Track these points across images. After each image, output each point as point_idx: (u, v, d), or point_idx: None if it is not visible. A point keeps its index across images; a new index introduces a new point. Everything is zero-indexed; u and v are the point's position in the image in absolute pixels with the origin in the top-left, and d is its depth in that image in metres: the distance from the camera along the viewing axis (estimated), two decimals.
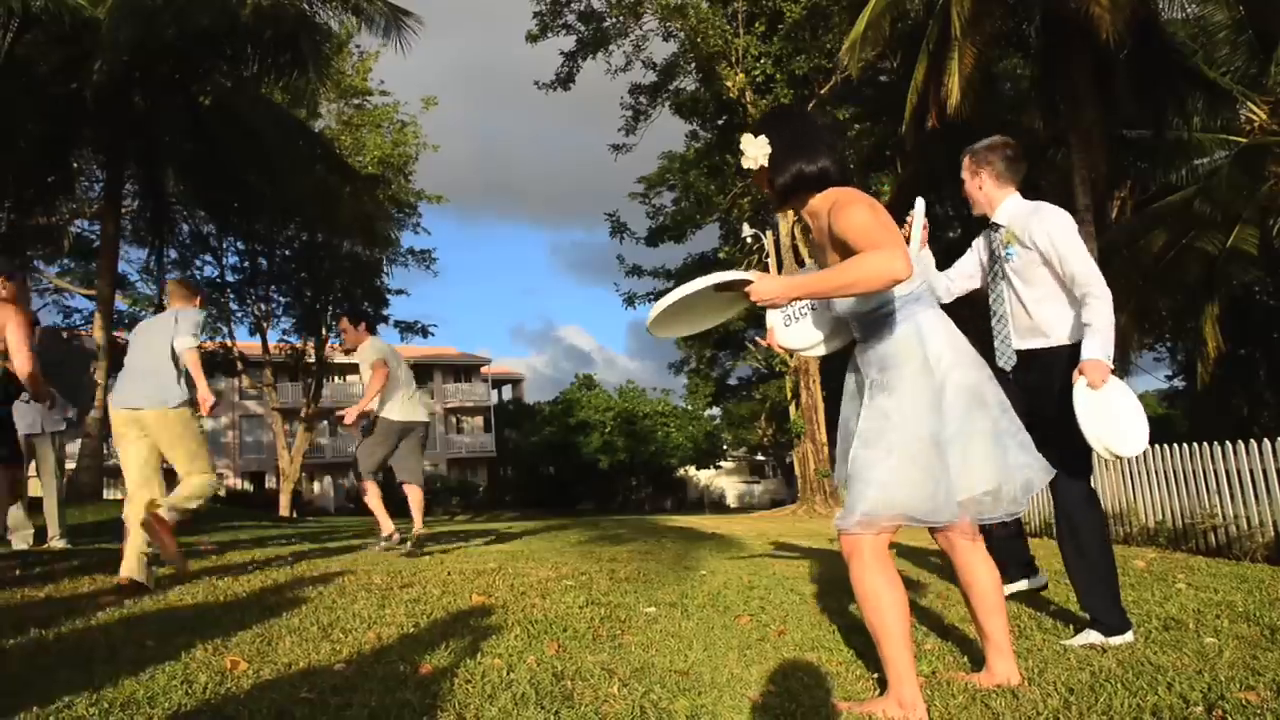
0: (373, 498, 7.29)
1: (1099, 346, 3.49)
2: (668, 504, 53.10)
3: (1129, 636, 3.53)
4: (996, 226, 3.87)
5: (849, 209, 2.60)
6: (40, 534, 7.77)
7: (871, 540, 2.66)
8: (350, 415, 7.12)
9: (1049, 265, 3.65)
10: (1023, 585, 4.30)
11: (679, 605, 4.23)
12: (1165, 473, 8.70)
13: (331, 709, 2.58)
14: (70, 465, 12.44)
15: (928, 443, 2.61)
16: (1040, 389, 3.67)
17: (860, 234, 2.54)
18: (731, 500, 60.97)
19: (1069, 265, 3.58)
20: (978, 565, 2.88)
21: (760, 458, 60.40)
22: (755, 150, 2.78)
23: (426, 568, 5.51)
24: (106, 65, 13.44)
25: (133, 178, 17.64)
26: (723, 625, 3.81)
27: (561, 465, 48.60)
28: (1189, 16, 16.71)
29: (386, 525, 7.28)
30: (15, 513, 7.60)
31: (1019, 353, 3.81)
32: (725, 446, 55.83)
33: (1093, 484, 3.88)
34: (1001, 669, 2.89)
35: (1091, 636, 3.53)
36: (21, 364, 5.22)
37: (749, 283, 2.60)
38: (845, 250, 2.61)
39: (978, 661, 3.18)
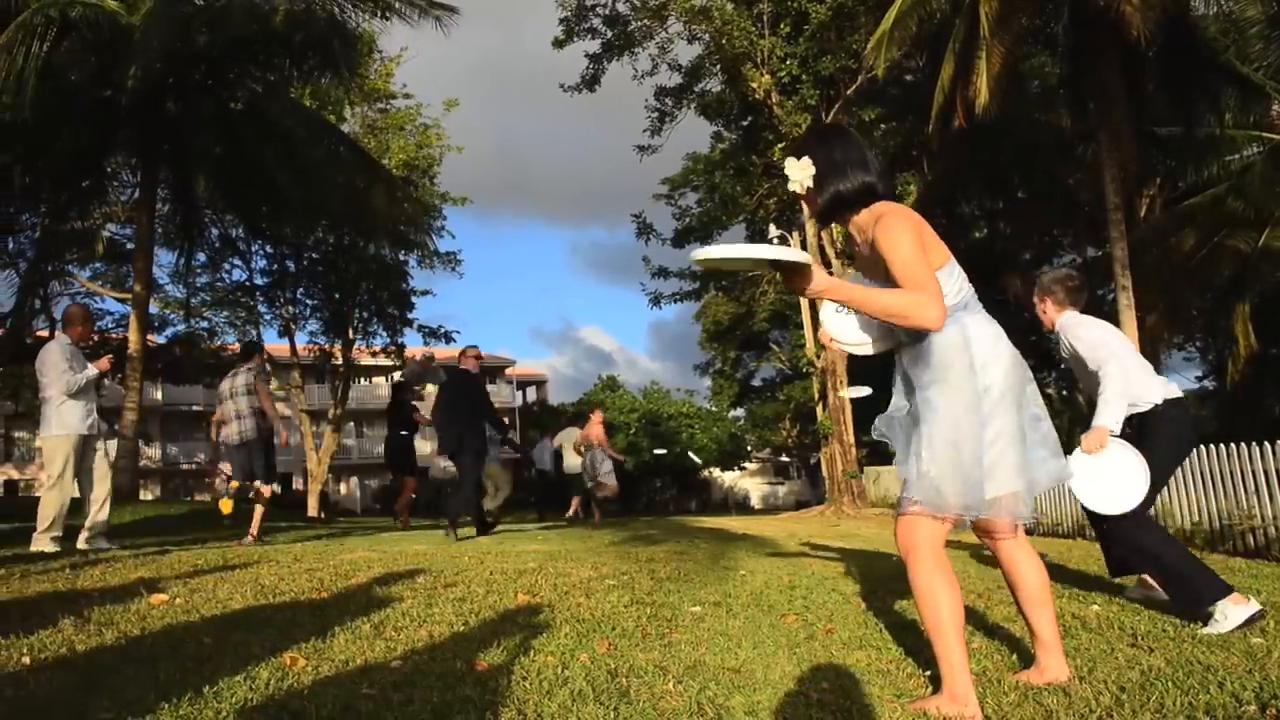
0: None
1: (1107, 416, 4.30)
2: (692, 505, 53.07)
3: (1236, 610, 3.76)
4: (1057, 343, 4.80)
5: (893, 233, 2.70)
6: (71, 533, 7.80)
7: (928, 537, 2.71)
8: None
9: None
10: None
11: (723, 604, 4.27)
12: (1201, 474, 8.65)
13: (394, 705, 2.63)
14: None
15: (966, 441, 2.67)
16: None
17: (901, 269, 2.66)
18: (756, 501, 60.93)
19: (1084, 357, 4.51)
20: (1021, 561, 2.92)
21: (784, 459, 60.30)
22: (799, 173, 2.86)
23: (468, 567, 5.57)
24: (141, 71, 13.60)
25: (164, 182, 17.84)
26: (769, 624, 3.84)
27: None
28: (1221, 12, 16.58)
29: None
30: (58, 512, 7.67)
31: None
32: (749, 448, 55.79)
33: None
34: (1051, 666, 2.92)
35: (1214, 627, 3.75)
36: None
37: (802, 267, 2.67)
38: (887, 269, 2.71)
39: (1025, 659, 3.21)
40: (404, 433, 12.61)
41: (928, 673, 3.00)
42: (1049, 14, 16.69)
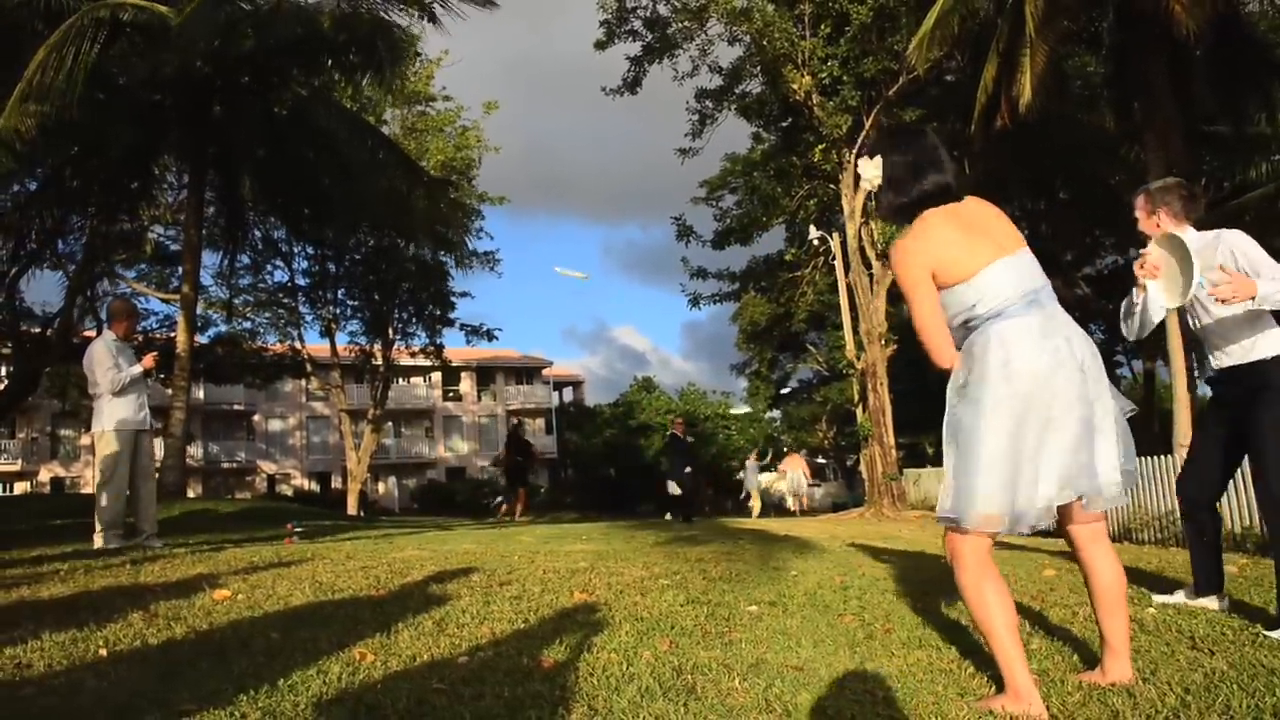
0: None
1: (1272, 290, 3.71)
2: (728, 506, 53.00)
3: None
4: None
5: (895, 265, 2.86)
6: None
7: (972, 542, 2.73)
8: None
9: None
10: (1210, 603, 4.40)
11: (779, 604, 4.30)
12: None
13: (466, 700, 2.68)
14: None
15: (999, 447, 2.65)
16: (1242, 402, 3.97)
17: (910, 310, 2.86)
18: (791, 503, 60.62)
19: (1264, 269, 3.82)
20: (1100, 561, 2.91)
21: (821, 460, 60.08)
22: (872, 172, 2.90)
23: (520, 565, 5.63)
24: (180, 63, 13.77)
25: (210, 184, 18.08)
26: (827, 623, 3.86)
27: (622, 467, 48.72)
28: (1274, 7, 16.32)
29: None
30: (116, 508, 7.78)
31: (1222, 370, 4.11)
32: (785, 449, 55.61)
33: None
34: (1115, 669, 2.91)
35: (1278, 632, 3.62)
36: None
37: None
38: None
39: (1085, 659, 3.22)
40: (520, 459, 18.59)
41: (989, 672, 3.01)
42: (1094, 13, 16.53)
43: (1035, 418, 2.66)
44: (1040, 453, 2.67)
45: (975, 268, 2.77)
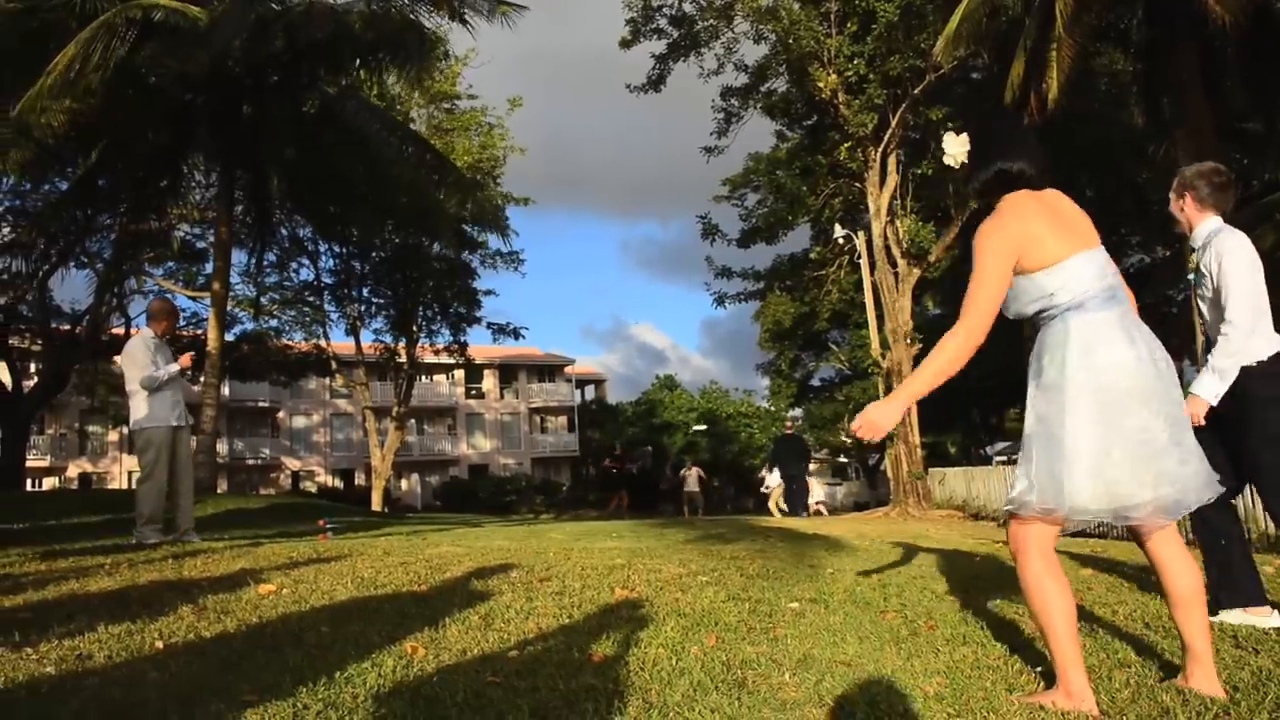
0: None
1: (1207, 385, 3.73)
2: (750, 504, 52.98)
3: None
4: (1192, 250, 4.04)
5: (978, 243, 2.77)
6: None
7: (1037, 535, 2.72)
8: None
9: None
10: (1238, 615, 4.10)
11: (820, 601, 4.31)
12: None
13: (522, 692, 2.72)
14: None
15: (1054, 442, 2.65)
16: (1227, 406, 3.80)
17: (970, 284, 2.75)
18: (813, 502, 60.40)
19: (1223, 291, 3.77)
20: (1171, 561, 2.83)
21: (843, 460, 59.94)
22: (956, 148, 2.90)
23: (557, 562, 5.66)
24: (211, 64, 13.89)
25: (240, 183, 18.23)
26: (870, 620, 3.88)
27: (645, 465, 48.84)
28: None
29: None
30: (156, 503, 7.86)
31: None
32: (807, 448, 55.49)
33: None
34: (1197, 675, 2.79)
35: None
36: None
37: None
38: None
39: (1133, 655, 3.22)
40: (614, 471, 24.29)
41: (1037, 669, 3.03)
42: (1123, 9, 16.43)
43: (1120, 410, 2.63)
44: (1131, 447, 2.62)
45: (1060, 255, 2.73)
